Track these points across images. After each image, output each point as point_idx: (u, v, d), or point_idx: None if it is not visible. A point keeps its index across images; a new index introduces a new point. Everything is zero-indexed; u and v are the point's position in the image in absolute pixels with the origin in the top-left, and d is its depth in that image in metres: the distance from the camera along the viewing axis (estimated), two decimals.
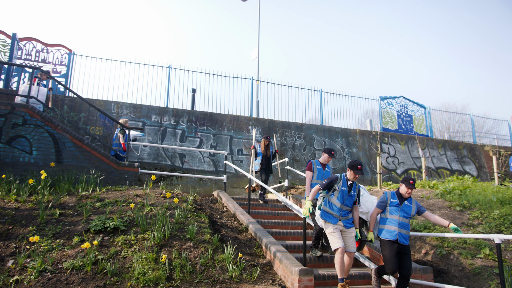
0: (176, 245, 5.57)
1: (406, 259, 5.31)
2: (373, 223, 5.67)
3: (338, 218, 5.42)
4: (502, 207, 8.32)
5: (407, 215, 5.46)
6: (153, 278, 4.86)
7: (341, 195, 5.48)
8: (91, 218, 6.10)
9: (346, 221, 5.48)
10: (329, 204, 5.51)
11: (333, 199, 5.49)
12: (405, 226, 5.42)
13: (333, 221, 5.39)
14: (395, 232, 5.35)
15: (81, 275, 4.79)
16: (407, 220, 5.46)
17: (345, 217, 5.48)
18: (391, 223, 5.44)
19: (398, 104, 16.87)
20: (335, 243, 5.25)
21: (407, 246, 5.38)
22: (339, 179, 5.57)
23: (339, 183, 5.53)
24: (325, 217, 5.46)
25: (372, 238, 5.64)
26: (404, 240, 5.35)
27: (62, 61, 11.33)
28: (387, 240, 5.37)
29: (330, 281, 5.93)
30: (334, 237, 5.28)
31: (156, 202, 6.94)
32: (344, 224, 5.43)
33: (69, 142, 8.39)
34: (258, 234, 6.54)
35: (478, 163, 17.07)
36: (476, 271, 5.93)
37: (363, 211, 5.99)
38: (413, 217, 5.59)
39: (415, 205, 5.57)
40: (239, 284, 5.06)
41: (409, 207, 5.49)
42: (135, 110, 11.43)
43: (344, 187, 5.53)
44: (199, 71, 13.13)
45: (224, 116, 12.51)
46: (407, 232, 5.42)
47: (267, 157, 9.51)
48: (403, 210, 5.45)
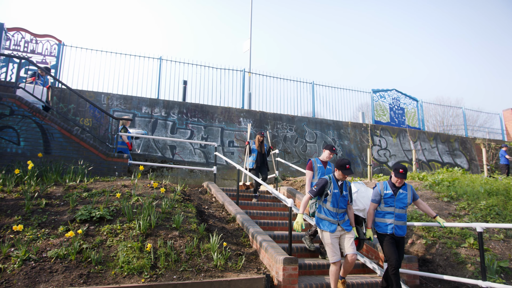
0: (162, 234, 5.58)
1: (399, 250, 5.19)
2: (371, 220, 5.41)
3: (336, 223, 5.16)
4: (489, 198, 8.40)
5: (403, 205, 5.26)
6: (138, 267, 4.87)
7: (334, 199, 5.18)
8: (78, 208, 6.08)
9: (345, 224, 5.22)
10: (323, 211, 5.24)
11: (327, 205, 5.20)
12: (401, 217, 5.24)
13: (330, 229, 5.11)
14: (391, 226, 5.20)
15: (65, 264, 4.79)
16: (403, 210, 5.27)
17: (343, 220, 5.23)
18: (387, 216, 5.26)
19: (390, 97, 16.91)
20: (332, 256, 5.05)
21: (403, 237, 5.25)
22: (329, 182, 5.24)
23: (330, 186, 5.21)
24: (322, 226, 5.19)
25: (371, 236, 5.39)
26: (401, 232, 5.21)
27: (51, 52, 11.23)
28: (384, 234, 5.23)
29: (316, 270, 5.99)
30: (331, 250, 5.05)
31: (144, 192, 6.94)
32: (345, 228, 5.18)
33: (57, 133, 8.34)
34: (245, 224, 6.56)
35: (469, 156, 17.18)
36: (460, 260, 6.00)
37: (359, 208, 5.76)
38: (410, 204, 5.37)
39: (411, 192, 5.35)
40: (224, 273, 5.08)
41: (404, 196, 5.28)
42: (125, 102, 11.37)
43: (336, 189, 5.21)
44: (191, 63, 13.09)
45: (216, 108, 12.49)
46: (403, 223, 5.26)
47: (262, 154, 9.17)
48: (398, 200, 5.25)
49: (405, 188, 5.32)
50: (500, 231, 6.84)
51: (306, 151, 13.27)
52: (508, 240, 6.58)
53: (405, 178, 5.19)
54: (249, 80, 13.81)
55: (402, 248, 5.23)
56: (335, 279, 5.04)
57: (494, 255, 6.01)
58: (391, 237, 5.18)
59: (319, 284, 5.29)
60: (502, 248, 6.31)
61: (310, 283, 5.27)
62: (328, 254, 5.08)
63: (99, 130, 10.72)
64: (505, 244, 6.45)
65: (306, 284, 5.24)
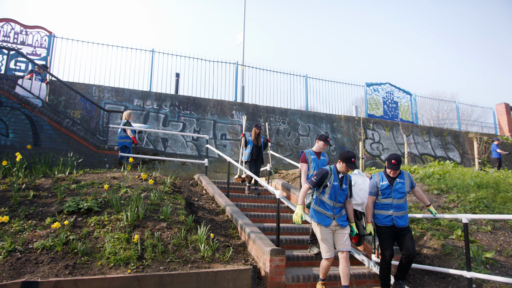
0: (150, 225, 5.57)
1: (406, 240, 4.97)
2: (370, 214, 5.21)
3: (332, 217, 4.91)
4: (478, 191, 8.45)
5: (401, 195, 5.10)
6: (124, 258, 4.86)
7: (333, 192, 4.91)
8: (66, 199, 6.06)
9: (341, 219, 4.98)
10: (320, 203, 4.97)
11: (325, 197, 4.93)
12: (400, 207, 5.09)
13: (325, 223, 4.88)
14: (390, 217, 5.05)
15: (51, 255, 4.78)
16: (402, 200, 5.10)
17: (339, 214, 4.98)
18: (385, 207, 5.11)
19: (384, 90, 16.92)
20: (326, 252, 4.85)
21: (406, 227, 5.08)
22: (330, 173, 4.95)
23: (330, 178, 4.92)
24: (318, 219, 4.94)
25: (371, 231, 5.18)
26: (402, 222, 5.05)
27: (42, 44, 11.12)
28: (384, 226, 5.09)
29: (304, 262, 6.01)
30: (326, 246, 4.85)
31: (133, 184, 6.92)
32: (340, 223, 4.94)
33: (47, 124, 8.28)
34: (234, 216, 6.56)
35: (461, 149, 17.26)
36: (447, 251, 6.04)
37: (358, 202, 5.53)
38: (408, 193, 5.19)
39: (408, 180, 5.17)
40: (211, 264, 5.09)
41: (402, 185, 5.11)
42: (117, 94, 11.30)
43: (336, 181, 4.93)
44: (183, 55, 13.01)
45: (208, 101, 12.44)
46: (404, 213, 5.10)
47: (258, 147, 8.95)
48: (396, 191, 5.09)
49: (402, 176, 5.15)
50: (488, 223, 6.88)
51: (299, 144, 13.27)
52: (495, 232, 6.63)
53: (398, 169, 5.02)
54: (242, 73, 13.76)
55: (410, 239, 4.98)
56: (325, 272, 4.94)
57: (481, 246, 6.06)
58: (390, 229, 5.05)
59: (307, 276, 5.31)
60: (489, 240, 6.35)
61: (297, 274, 5.28)
62: (322, 250, 4.90)
63: (90, 122, 10.66)
64: (492, 236, 6.50)
65: (293, 275, 5.25)
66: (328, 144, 6.18)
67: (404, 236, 5.01)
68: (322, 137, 6.17)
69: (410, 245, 4.92)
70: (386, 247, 5.00)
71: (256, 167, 8.88)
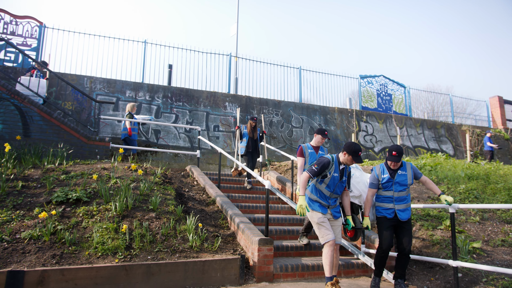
0: (138, 215, 5.57)
1: (404, 234, 4.85)
2: (368, 207, 5.02)
3: (327, 207, 4.76)
4: (469, 182, 8.50)
5: (403, 188, 4.91)
6: (112, 247, 4.87)
7: (332, 183, 4.73)
8: (55, 190, 6.04)
9: (334, 210, 4.83)
10: (316, 191, 4.81)
11: (322, 187, 4.75)
12: (402, 200, 4.91)
13: (323, 210, 4.72)
14: (391, 210, 4.89)
15: (39, 245, 4.77)
16: (404, 192, 4.91)
17: (334, 205, 4.83)
18: (386, 200, 4.95)
19: (378, 83, 16.92)
20: (326, 234, 4.57)
21: (407, 221, 4.92)
22: (331, 164, 4.73)
23: (331, 168, 4.71)
24: (313, 206, 4.76)
25: (368, 225, 4.97)
26: (405, 215, 4.89)
27: (32, 34, 11.00)
28: (384, 217, 4.94)
29: (294, 252, 6.04)
30: (325, 228, 4.60)
31: (123, 175, 6.90)
32: (333, 214, 4.80)
33: (37, 115, 8.22)
34: (224, 206, 6.57)
35: (455, 142, 17.33)
36: (435, 242, 6.07)
37: (355, 195, 5.36)
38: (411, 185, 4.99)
39: (411, 171, 4.95)
40: (199, 254, 5.10)
41: (403, 177, 4.91)
42: (108, 85, 11.23)
43: (336, 172, 4.73)
44: (176, 47, 12.93)
45: (201, 92, 12.40)
46: (406, 206, 4.93)
47: (254, 140, 8.81)
48: (397, 183, 4.89)
49: (404, 168, 4.94)
50: (477, 214, 6.93)
51: (292, 136, 13.28)
52: (484, 223, 6.68)
53: (399, 161, 4.80)
54: (236, 65, 13.71)
55: (407, 233, 4.87)
56: (330, 261, 4.52)
57: (468, 236, 6.10)
58: (391, 221, 4.90)
59: (295, 265, 5.34)
60: (477, 230, 6.40)
61: (286, 264, 5.31)
62: (320, 234, 4.63)
63: (82, 113, 10.60)
64: (480, 226, 6.55)
65: (282, 264, 5.28)
66: (326, 137, 6.01)
67: (403, 229, 4.87)
68: (320, 131, 6.00)
69: (407, 239, 4.81)
70: (385, 237, 4.86)
71: (252, 161, 8.77)
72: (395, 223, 4.91)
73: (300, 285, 5.04)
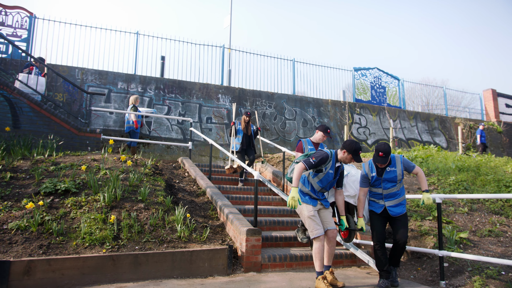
0: (127, 206, 5.56)
1: (399, 226, 4.69)
2: (362, 207, 4.82)
3: (317, 200, 4.66)
4: (459, 174, 8.55)
5: (392, 184, 4.74)
6: (100, 238, 4.86)
7: (325, 179, 4.58)
8: (43, 181, 6.02)
9: (324, 201, 4.74)
10: (308, 184, 4.66)
11: (314, 181, 4.61)
12: (392, 196, 4.75)
13: (313, 203, 4.60)
14: (382, 206, 4.77)
15: (26, 235, 4.76)
16: (394, 188, 4.74)
17: (323, 198, 4.75)
18: (376, 197, 4.85)
19: (372, 75, 16.90)
20: (315, 229, 4.43)
21: (402, 215, 4.75)
22: (329, 160, 4.56)
23: (328, 164, 4.55)
24: (304, 199, 4.61)
25: (363, 226, 4.77)
26: (398, 210, 4.73)
27: (22, 25, 10.88)
28: (373, 212, 4.87)
29: (283, 243, 6.07)
30: (314, 223, 4.46)
31: (113, 166, 6.88)
32: (324, 204, 4.70)
33: (26, 106, 8.16)
34: (214, 197, 6.58)
35: (448, 134, 17.40)
36: (423, 232, 6.12)
37: (350, 194, 5.17)
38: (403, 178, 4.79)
39: (400, 166, 4.73)
40: (187, 244, 5.11)
41: (392, 173, 4.70)
42: (100, 77, 11.15)
43: (332, 169, 4.58)
44: (169, 38, 12.85)
45: (194, 84, 12.34)
46: (398, 201, 4.76)
47: (248, 136, 8.59)
48: (385, 180, 4.73)
49: (394, 164, 4.72)
50: (465, 205, 6.99)
51: (285, 128, 13.28)
52: (472, 213, 6.73)
53: (386, 162, 4.60)
54: (229, 57, 13.65)
55: (402, 224, 4.70)
56: (320, 257, 4.40)
57: (456, 226, 6.15)
58: (381, 215, 4.80)
59: (283, 256, 5.36)
60: (465, 221, 6.46)
61: (274, 254, 5.34)
62: (310, 228, 4.48)
63: (73, 105, 10.53)
64: (469, 217, 6.60)
65: (270, 255, 5.31)
66: (328, 135, 5.75)
67: (398, 221, 4.71)
68: (322, 127, 5.71)
69: (402, 232, 4.64)
70: (376, 230, 4.77)
71: (248, 156, 8.57)
72: (386, 215, 4.80)
73: (288, 275, 5.07)
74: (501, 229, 6.19)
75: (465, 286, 4.62)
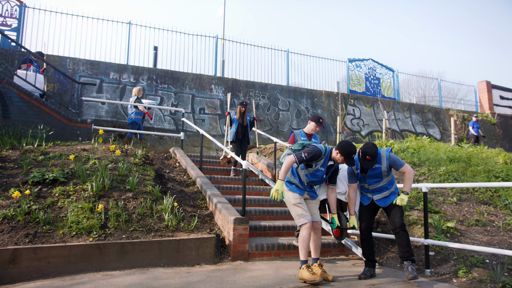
0: (115, 195, 5.56)
1: (393, 213, 4.54)
2: (352, 205, 4.70)
3: (304, 190, 4.52)
4: (450, 164, 8.59)
5: (377, 180, 4.62)
6: (87, 227, 4.86)
7: (313, 174, 4.44)
8: (32, 170, 5.99)
9: (311, 192, 4.60)
10: (296, 176, 4.53)
11: (302, 173, 4.47)
12: (379, 190, 4.65)
13: (300, 192, 4.48)
14: (370, 199, 4.70)
15: (12, 224, 4.75)
16: (380, 183, 4.62)
17: (311, 190, 4.61)
18: (363, 189, 4.78)
19: (366, 66, 16.88)
20: (302, 216, 4.31)
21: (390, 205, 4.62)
22: (322, 157, 4.37)
23: (319, 161, 4.38)
24: (290, 187, 4.50)
25: (354, 224, 4.65)
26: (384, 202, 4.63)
27: (12, 14, 10.77)
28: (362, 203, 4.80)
29: (271, 232, 6.09)
30: (301, 209, 4.35)
31: (103, 156, 6.86)
32: (310, 195, 4.58)
33: (16, 96, 8.10)
34: (203, 187, 6.59)
35: (442, 126, 17.45)
36: (411, 222, 6.16)
37: (341, 191, 5.02)
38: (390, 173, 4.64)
39: (385, 161, 4.55)
40: (175, 233, 5.13)
41: (377, 170, 4.57)
42: (92, 67, 11.08)
43: (323, 167, 4.41)
44: (162, 28, 12.77)
45: (187, 75, 12.29)
46: (386, 194, 4.64)
47: (244, 126, 8.50)
48: (370, 177, 4.62)
49: (379, 160, 4.55)
50: (454, 195, 7.03)
51: (278, 119, 13.27)
52: (461, 203, 6.77)
53: (372, 166, 4.42)
54: (222, 47, 13.58)
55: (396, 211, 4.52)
56: (306, 245, 4.28)
57: (444, 216, 6.19)
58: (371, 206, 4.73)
59: (271, 244, 5.39)
60: (453, 211, 6.50)
61: (262, 243, 5.36)
62: (296, 215, 4.37)
63: (65, 95, 10.47)
64: (457, 207, 6.64)
65: (258, 244, 5.33)
66: (320, 125, 5.61)
67: (391, 209, 4.59)
68: (314, 118, 5.61)
69: (395, 218, 4.49)
70: (361, 219, 4.75)
71: (242, 148, 8.51)
72: (376, 206, 4.74)
73: (275, 263, 5.10)
74: (488, 218, 6.23)
75: (450, 274, 4.66)
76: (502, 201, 6.83)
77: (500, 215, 6.39)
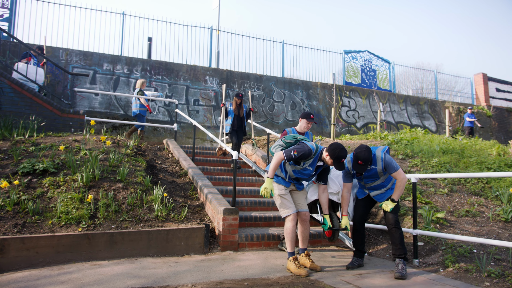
0: (105, 186, 5.55)
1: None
2: (346, 205, 4.61)
3: (290, 183, 4.47)
4: (443, 156, 8.60)
5: (373, 179, 4.57)
6: (76, 217, 4.86)
7: (301, 171, 4.38)
8: (22, 161, 5.97)
9: (298, 184, 4.58)
10: (283, 170, 4.46)
11: (290, 168, 4.42)
12: (376, 187, 4.62)
13: (285, 184, 4.42)
14: (366, 194, 4.70)
15: (1, 214, 4.74)
16: (377, 181, 4.57)
17: (298, 182, 4.58)
18: (360, 186, 4.76)
19: (362, 58, 16.83)
20: (287, 208, 4.30)
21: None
22: (311, 157, 4.29)
23: (308, 161, 4.30)
24: (276, 180, 4.42)
25: (347, 225, 4.57)
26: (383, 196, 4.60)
27: (4, 4, 10.65)
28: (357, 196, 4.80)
29: (262, 223, 6.11)
30: (287, 201, 4.33)
31: (94, 147, 6.84)
32: (296, 186, 4.54)
33: (7, 87, 8.04)
34: (195, 177, 6.59)
35: (437, 118, 17.46)
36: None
37: (333, 191, 4.98)
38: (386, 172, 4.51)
39: (381, 163, 4.40)
40: (165, 223, 5.13)
41: (373, 171, 4.49)
42: (85, 58, 11.00)
43: (312, 167, 4.34)
44: (156, 19, 12.67)
45: (181, 66, 12.22)
46: (382, 191, 4.62)
47: (240, 117, 8.44)
48: (366, 177, 4.57)
49: (374, 161, 4.43)
50: (446, 186, 7.05)
51: (273, 111, 13.24)
52: (452, 194, 6.80)
53: (364, 170, 4.33)
54: (217, 38, 13.49)
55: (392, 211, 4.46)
56: (292, 237, 4.25)
57: (435, 207, 6.21)
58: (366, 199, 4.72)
59: (261, 235, 5.40)
60: (444, 201, 6.52)
61: (251, 234, 5.37)
62: (281, 207, 4.36)
63: (57, 86, 10.41)
64: (448, 198, 6.67)
65: (247, 234, 5.34)
66: (312, 121, 5.46)
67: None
68: (305, 115, 5.47)
69: (389, 214, 4.45)
70: (356, 211, 4.76)
71: (237, 139, 8.41)
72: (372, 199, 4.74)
73: (264, 253, 5.12)
74: (478, 209, 6.26)
75: (438, 264, 4.69)
76: (493, 192, 6.86)
77: (490, 206, 6.42)
